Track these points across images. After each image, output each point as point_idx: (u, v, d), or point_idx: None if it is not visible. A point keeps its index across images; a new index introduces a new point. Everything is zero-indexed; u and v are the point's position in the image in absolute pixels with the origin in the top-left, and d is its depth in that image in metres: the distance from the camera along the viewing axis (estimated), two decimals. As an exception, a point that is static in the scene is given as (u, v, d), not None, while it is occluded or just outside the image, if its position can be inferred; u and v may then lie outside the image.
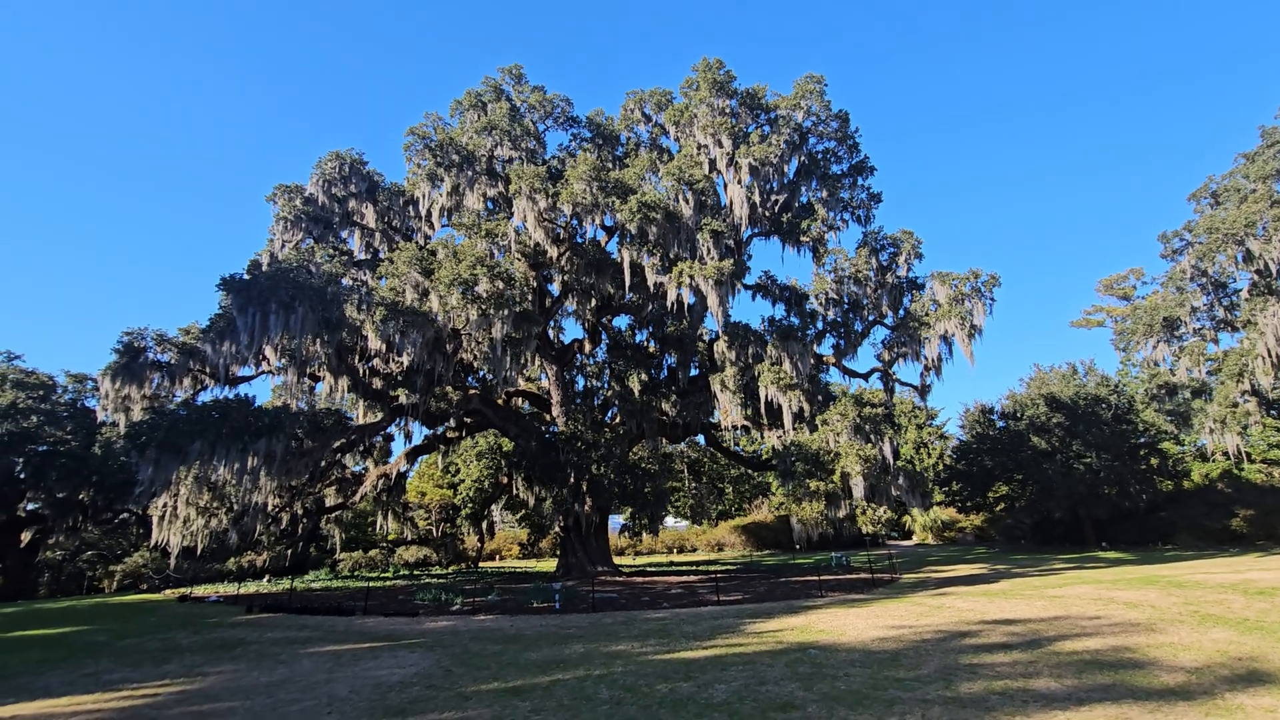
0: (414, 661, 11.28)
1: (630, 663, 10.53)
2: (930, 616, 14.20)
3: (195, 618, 18.58)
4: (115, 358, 22.96)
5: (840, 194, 26.87)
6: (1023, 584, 20.91)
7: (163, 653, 13.00)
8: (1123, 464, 39.35)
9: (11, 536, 40.49)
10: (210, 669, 11.27)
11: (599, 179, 21.37)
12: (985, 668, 9.08)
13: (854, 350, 25.57)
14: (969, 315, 23.31)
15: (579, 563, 28.61)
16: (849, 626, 13.24)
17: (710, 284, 21.06)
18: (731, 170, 24.33)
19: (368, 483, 32.93)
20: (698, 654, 11.06)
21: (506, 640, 13.31)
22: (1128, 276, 67.84)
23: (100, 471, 37.43)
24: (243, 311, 17.95)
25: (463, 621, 16.66)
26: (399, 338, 18.74)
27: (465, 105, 26.60)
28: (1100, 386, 42.24)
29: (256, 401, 23.32)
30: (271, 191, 25.61)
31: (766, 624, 14.42)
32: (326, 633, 15.12)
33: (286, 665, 11.31)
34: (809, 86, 25.91)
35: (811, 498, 20.17)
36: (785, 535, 54.33)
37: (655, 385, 28.17)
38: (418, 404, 20.73)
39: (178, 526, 27.30)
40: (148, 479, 17.40)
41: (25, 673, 11.40)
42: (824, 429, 22.15)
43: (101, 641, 14.66)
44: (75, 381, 44.96)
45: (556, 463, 25.04)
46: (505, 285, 19.55)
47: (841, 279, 24.79)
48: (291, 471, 20.16)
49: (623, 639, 12.95)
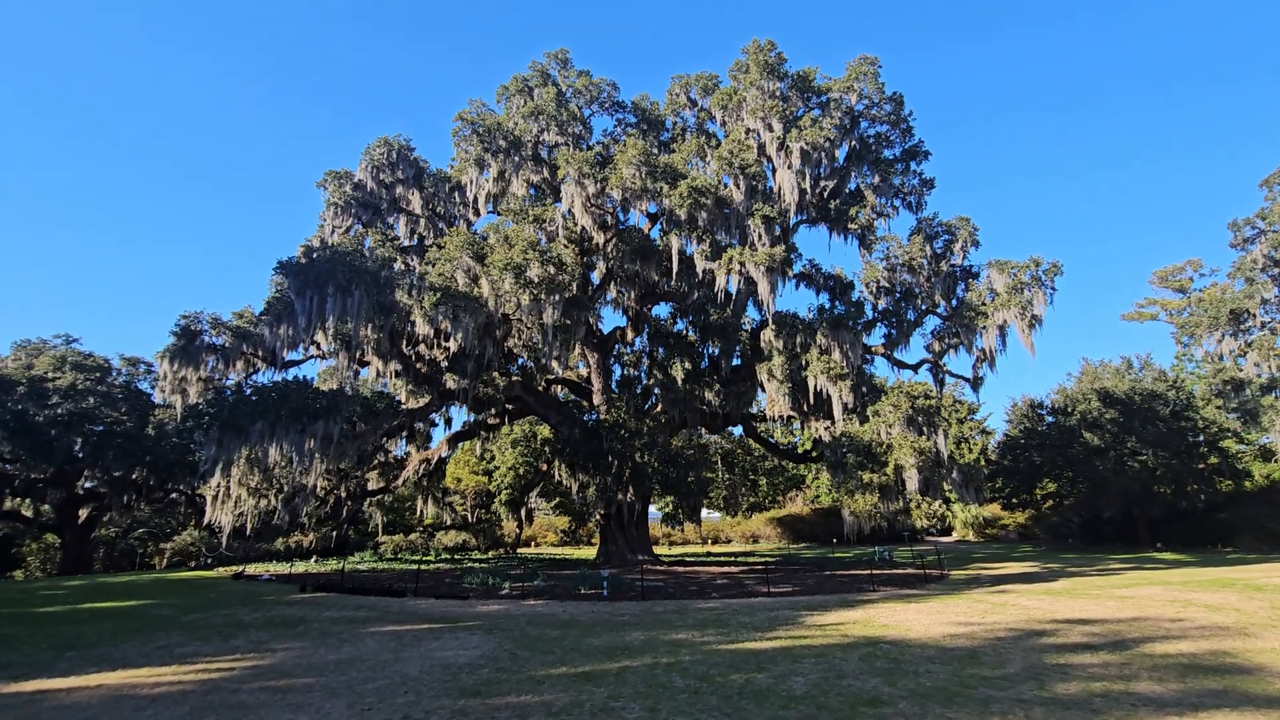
0: (476, 644, 11.27)
1: (696, 652, 10.35)
2: (996, 614, 13.73)
3: (252, 595, 19.01)
4: (173, 340, 23.48)
5: (892, 179, 26.07)
6: (1083, 583, 20.20)
7: (228, 628, 13.26)
8: (1180, 462, 37.82)
9: (70, 513, 42.19)
10: (277, 645, 11.42)
11: (648, 163, 21.04)
12: (1076, 668, 8.66)
13: (906, 340, 24.87)
14: (1029, 304, 22.44)
15: (619, 550, 28.58)
16: (913, 622, 12.86)
17: (762, 270, 20.63)
18: (781, 155, 23.77)
19: (410, 467, 33.35)
20: (763, 645, 10.82)
21: (562, 625, 13.26)
22: (1184, 268, 64.95)
23: (153, 452, 38.63)
24: (300, 294, 18.14)
25: (514, 606, 16.70)
26: (451, 322, 18.76)
27: (511, 90, 26.47)
28: (1157, 381, 40.59)
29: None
30: (322, 177, 25.92)
31: (824, 617, 14.12)
32: (382, 613, 15.27)
33: (351, 644, 11.40)
34: (862, 68, 25.15)
35: (864, 490, 19.71)
36: (822, 528, 53.69)
37: (698, 374, 27.86)
38: (467, 389, 20.80)
39: (229, 506, 27.99)
40: (210, 458, 17.78)
41: (102, 643, 11.70)
42: (875, 420, 21.61)
43: (168, 615, 15.03)
44: (129, 364, 46.52)
45: (600, 450, 24.96)
46: (556, 270, 19.41)
47: (894, 266, 24.11)
48: (344, 454, 20.44)
49: (680, 628, 12.78)
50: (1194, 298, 63.74)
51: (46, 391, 37.10)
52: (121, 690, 8.42)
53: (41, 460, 35.62)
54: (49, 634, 12.73)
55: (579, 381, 35.02)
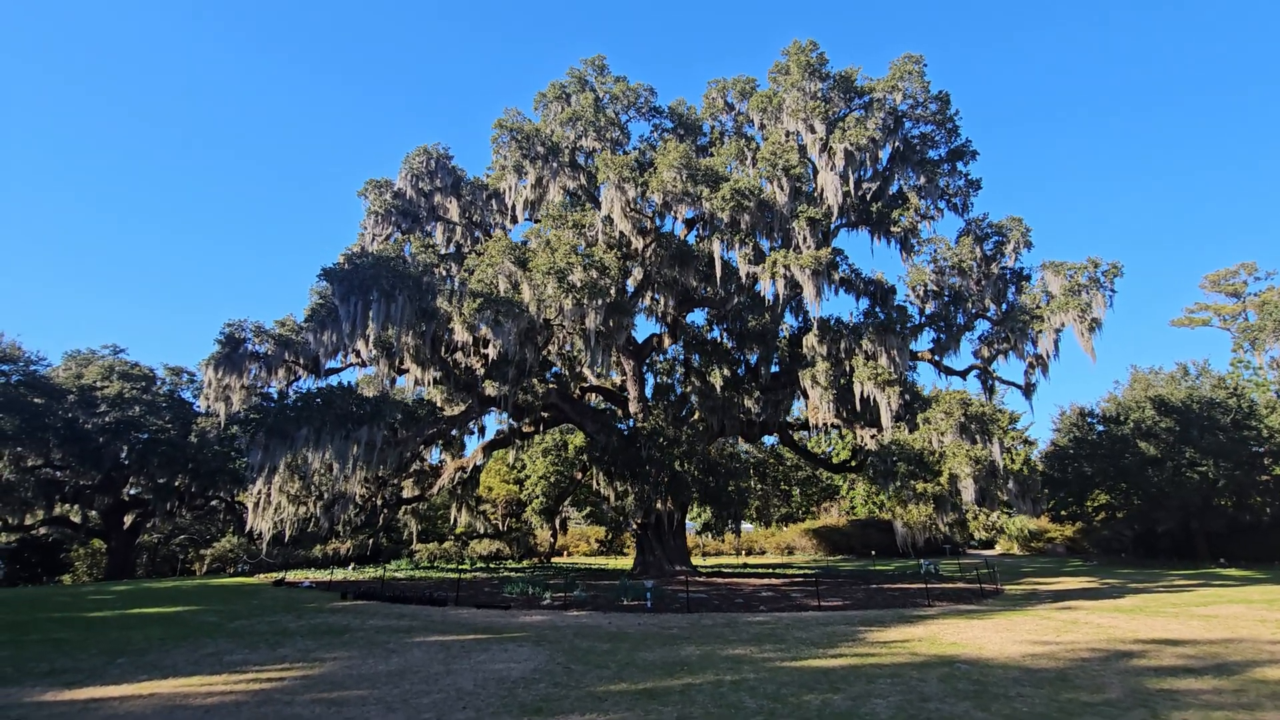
0: (526, 656, 10.90)
1: (760, 669, 9.83)
2: (1070, 632, 12.91)
3: (294, 602, 18.94)
4: (217, 348, 23.78)
5: (938, 181, 25.33)
6: (1153, 600, 19.10)
7: (274, 635, 13.10)
8: (1243, 473, 35.98)
9: (116, 519, 43.10)
10: (325, 654, 11.19)
11: (689, 166, 20.70)
12: (1186, 695, 7.94)
13: (956, 345, 23.99)
14: (1089, 307, 21.46)
15: (657, 561, 28.04)
16: (984, 640, 12.13)
17: (807, 274, 20.07)
18: (824, 156, 23.23)
19: (445, 475, 33.31)
20: (830, 663, 10.25)
21: (611, 638, 12.82)
22: (1238, 271, 62.58)
23: (196, 459, 39.32)
24: (345, 300, 18.17)
25: (557, 616, 16.32)
26: (492, 328, 18.58)
27: (549, 97, 26.43)
28: (1216, 389, 38.74)
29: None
30: (362, 186, 26.15)
31: (885, 633, 13.45)
32: (425, 622, 15.01)
33: (399, 654, 11.12)
34: (906, 67, 24.52)
35: (918, 500, 18.94)
36: (859, 540, 52.39)
37: (737, 381, 27.31)
38: (507, 395, 20.62)
39: (269, 514, 28.20)
40: (256, 464, 17.85)
41: (152, 650, 11.60)
42: (926, 428, 20.82)
43: (213, 622, 14.96)
44: (172, 374, 47.59)
45: (639, 458, 24.54)
46: (598, 274, 19.13)
47: (943, 269, 23.34)
48: (385, 460, 20.37)
49: (734, 642, 12.25)
50: (1250, 301, 61.29)
51: (95, 400, 38.05)
52: (175, 700, 8.22)
53: (90, 467, 36.45)
54: (99, 639, 12.71)
55: (613, 389, 34.71)
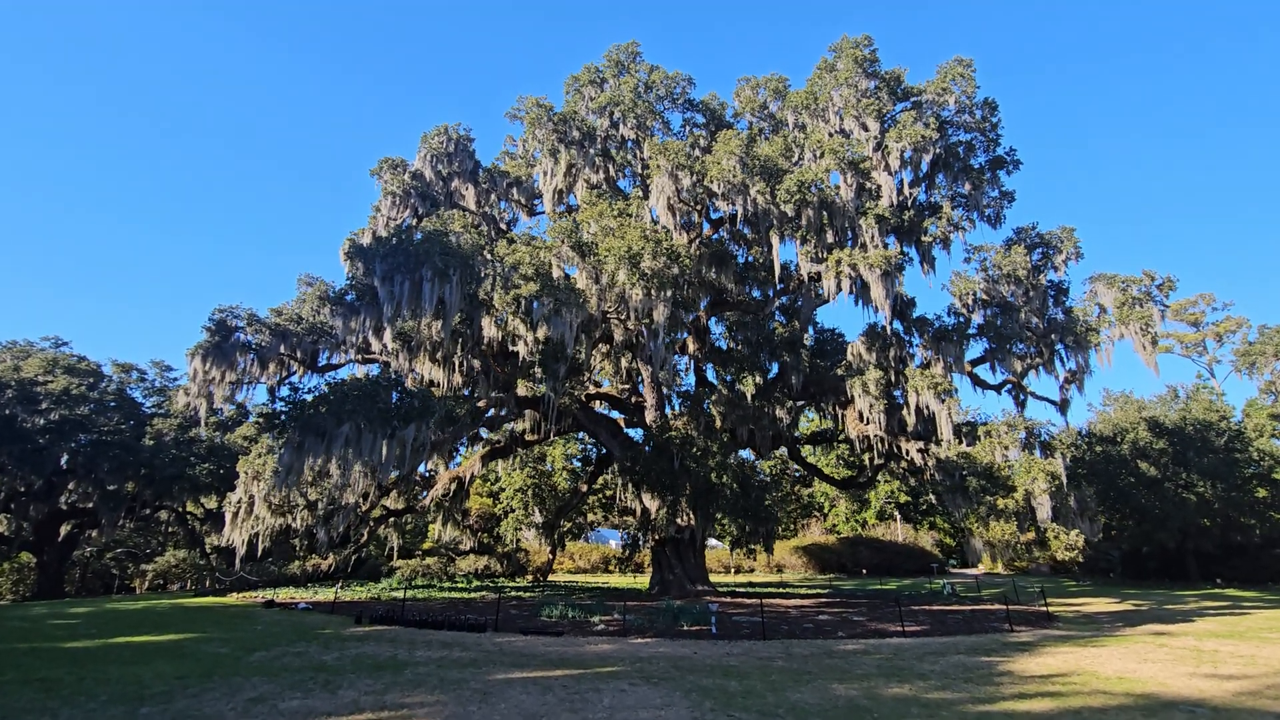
0: (660, 700, 9.05)
1: (952, 713, 8.28)
2: (1227, 664, 11.81)
3: (303, 628, 16.41)
4: (206, 336, 21.08)
5: (983, 190, 24.71)
6: (1239, 624, 18.34)
7: (315, 672, 10.81)
8: (1238, 494, 36.64)
9: (51, 530, 38.48)
10: (402, 699, 9.08)
11: (750, 154, 19.35)
12: None
13: (1007, 356, 23.26)
14: (1150, 321, 20.99)
15: (677, 580, 26.27)
16: (1147, 674, 10.88)
17: (877, 274, 18.90)
18: (878, 155, 22.28)
19: (439, 485, 30.79)
20: (1029, 706, 8.76)
21: (724, 673, 11.05)
22: (1196, 301, 66.00)
23: (151, 465, 35.37)
24: (387, 280, 15.70)
25: (624, 644, 14.42)
26: (549, 318, 16.59)
27: (584, 81, 24.66)
28: (1209, 411, 39.59)
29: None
30: (376, 165, 23.76)
31: (1018, 663, 12.10)
32: (480, 653, 12.88)
33: (499, 698, 9.11)
34: (956, 70, 23.89)
35: (999, 516, 17.86)
36: (849, 558, 51.55)
37: (769, 389, 25.93)
38: (551, 396, 18.57)
39: (247, 525, 25.25)
40: (285, 464, 15.26)
41: (176, 694, 9.23)
42: (989, 440, 19.84)
43: (227, 654, 12.48)
44: (120, 370, 43.24)
45: (671, 470, 22.79)
46: (669, 262, 17.46)
47: (994, 279, 22.58)
48: (418, 463, 18.07)
49: (871, 678, 10.67)
50: (1208, 330, 64.76)
51: (37, 396, 33.95)
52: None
53: (30, 470, 32.22)
54: (98, 679, 10.19)
55: (619, 396, 32.81)
